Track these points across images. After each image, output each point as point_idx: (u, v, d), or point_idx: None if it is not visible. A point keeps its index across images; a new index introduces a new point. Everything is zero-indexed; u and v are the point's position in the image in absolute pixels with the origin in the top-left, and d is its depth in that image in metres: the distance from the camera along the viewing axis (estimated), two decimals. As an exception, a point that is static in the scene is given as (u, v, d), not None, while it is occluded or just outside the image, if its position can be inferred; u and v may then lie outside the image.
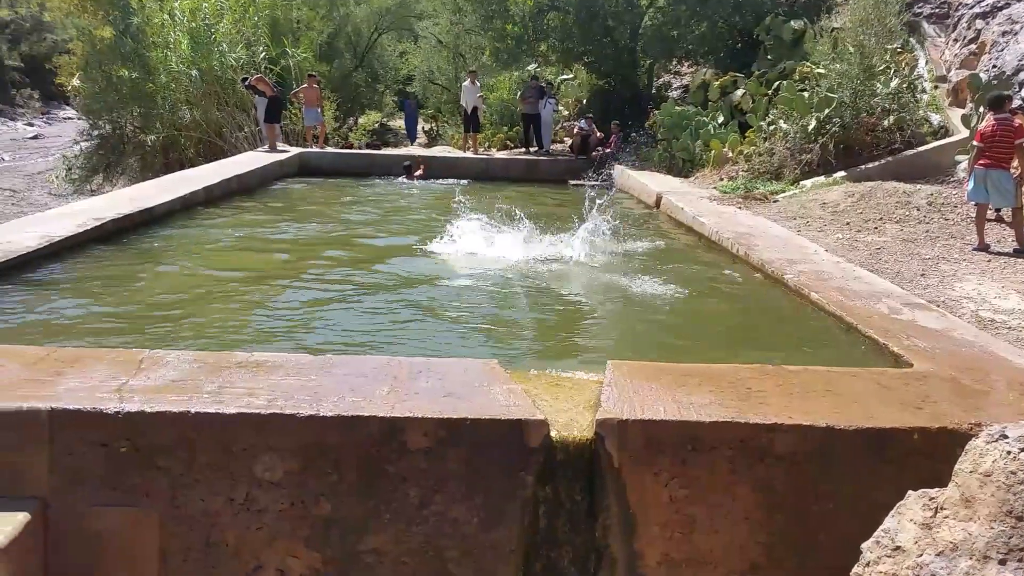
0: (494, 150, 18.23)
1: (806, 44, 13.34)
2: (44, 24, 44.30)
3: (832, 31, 12.49)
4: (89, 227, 6.40)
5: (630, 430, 2.72)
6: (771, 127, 12.01)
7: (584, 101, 19.40)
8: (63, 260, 5.76)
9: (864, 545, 2.29)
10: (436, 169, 14.48)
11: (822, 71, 11.83)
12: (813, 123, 11.22)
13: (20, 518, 2.52)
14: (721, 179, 12.05)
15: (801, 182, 10.83)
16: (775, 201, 10.10)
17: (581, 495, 2.79)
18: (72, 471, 2.64)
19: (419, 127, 26.17)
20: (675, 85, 19.08)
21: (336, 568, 2.72)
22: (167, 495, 2.67)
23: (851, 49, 11.55)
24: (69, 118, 35.90)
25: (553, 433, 2.74)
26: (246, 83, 15.35)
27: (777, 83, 12.81)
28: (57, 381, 2.83)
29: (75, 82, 19.61)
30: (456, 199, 8.28)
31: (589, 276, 6.19)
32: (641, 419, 2.74)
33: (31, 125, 41.40)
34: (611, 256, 6.90)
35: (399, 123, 27.46)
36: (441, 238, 7.16)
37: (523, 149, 17.49)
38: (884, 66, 11.57)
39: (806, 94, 11.65)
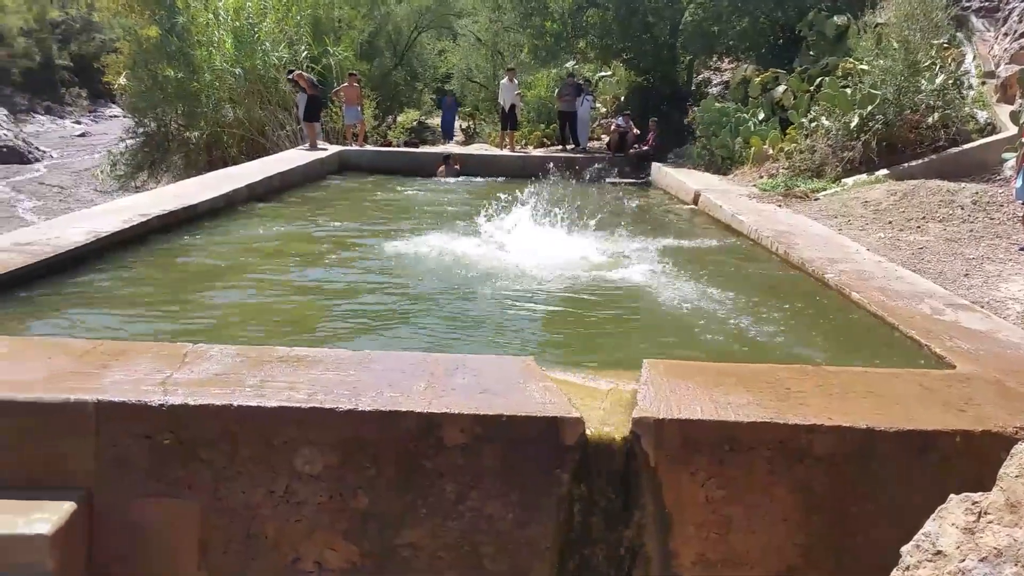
0: (531, 148, 18.22)
1: (849, 40, 13.12)
2: (93, 24, 45.21)
3: (876, 26, 12.27)
4: (135, 223, 6.52)
5: (667, 429, 2.71)
6: (813, 124, 11.84)
7: (622, 98, 19.31)
8: (109, 255, 5.87)
9: (904, 549, 2.26)
10: (473, 166, 14.53)
11: (865, 67, 11.63)
12: (856, 120, 11.04)
13: (66, 507, 2.58)
14: (761, 177, 11.91)
15: (843, 180, 10.66)
16: (816, 199, 9.96)
17: (616, 493, 2.78)
18: (117, 462, 2.70)
19: (456, 125, 26.25)
20: (715, 81, 18.87)
21: (373, 561, 2.75)
22: (209, 487, 2.72)
23: (895, 45, 11.34)
24: (115, 116, 36.60)
25: (589, 431, 2.74)
26: (291, 75, 15.60)
27: (819, 79, 12.61)
28: (103, 374, 2.89)
29: (122, 80, 20.00)
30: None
31: (624, 274, 6.17)
32: (678, 418, 2.73)
33: (79, 123, 42.29)
34: (646, 254, 6.86)
35: (437, 121, 27.60)
36: (477, 235, 7.18)
37: (560, 147, 17.46)
38: (929, 62, 11.33)
39: (849, 90, 11.46)
